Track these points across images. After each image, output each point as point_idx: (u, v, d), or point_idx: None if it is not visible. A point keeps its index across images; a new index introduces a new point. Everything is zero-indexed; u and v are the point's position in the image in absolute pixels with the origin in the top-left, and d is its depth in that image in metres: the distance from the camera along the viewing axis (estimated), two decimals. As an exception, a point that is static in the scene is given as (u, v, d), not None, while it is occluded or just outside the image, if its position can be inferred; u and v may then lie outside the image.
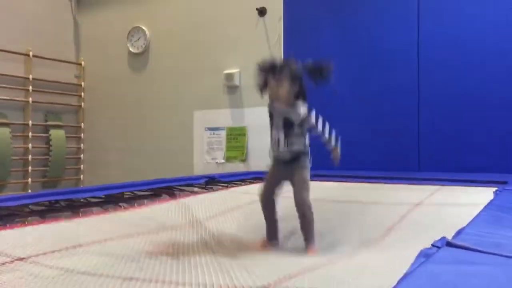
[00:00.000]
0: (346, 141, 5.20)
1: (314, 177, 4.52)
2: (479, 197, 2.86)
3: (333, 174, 4.47)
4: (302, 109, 2.02)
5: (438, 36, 4.69)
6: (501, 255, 1.29)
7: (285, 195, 2.11)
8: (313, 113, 2.06)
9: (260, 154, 5.56)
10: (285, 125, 2.00)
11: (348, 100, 5.08)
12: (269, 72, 1.99)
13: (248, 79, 5.76)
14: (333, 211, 2.78)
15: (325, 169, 4.72)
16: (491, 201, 2.46)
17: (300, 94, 2.03)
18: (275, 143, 2.02)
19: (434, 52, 4.71)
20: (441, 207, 2.75)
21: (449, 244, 1.35)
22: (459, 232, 1.61)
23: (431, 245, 1.38)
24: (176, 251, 1.87)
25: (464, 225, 1.84)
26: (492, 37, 4.45)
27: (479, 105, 4.52)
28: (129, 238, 2.10)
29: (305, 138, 2.06)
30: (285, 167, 2.04)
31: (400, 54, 4.86)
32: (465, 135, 4.56)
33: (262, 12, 5.57)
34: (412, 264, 1.21)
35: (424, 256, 1.25)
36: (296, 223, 2.05)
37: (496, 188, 3.08)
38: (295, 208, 2.00)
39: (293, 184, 2.02)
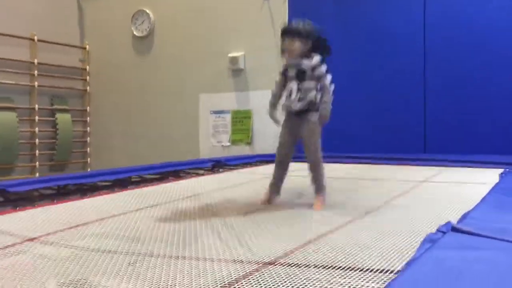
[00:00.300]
0: (354, 124, 5.24)
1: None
2: (484, 177, 2.90)
3: (339, 155, 4.50)
4: (315, 59, 2.20)
5: (444, 19, 4.66)
6: (506, 240, 1.31)
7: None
8: (325, 66, 2.22)
9: (265, 137, 5.58)
10: (297, 76, 2.20)
11: (355, 83, 5.07)
12: (284, 34, 2.23)
13: (253, 62, 5.75)
14: (340, 187, 2.86)
15: (332, 151, 4.78)
16: (496, 184, 2.48)
17: (316, 50, 2.23)
18: (289, 94, 2.21)
19: (440, 36, 4.68)
20: (446, 184, 2.80)
21: (454, 229, 1.37)
22: (464, 217, 1.63)
23: (437, 230, 1.41)
24: (181, 221, 1.93)
25: (469, 204, 1.88)
26: (499, 20, 4.41)
27: (486, 87, 4.50)
28: (134, 212, 2.16)
29: (316, 92, 2.21)
30: (296, 120, 2.21)
31: (405, 38, 4.84)
32: (471, 117, 4.55)
33: (267, -6, 5.52)
34: (418, 249, 1.23)
35: (430, 241, 1.28)
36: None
37: (502, 170, 3.10)
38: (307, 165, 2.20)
39: (304, 136, 2.21)
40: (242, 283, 1.13)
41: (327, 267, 1.21)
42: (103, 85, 6.94)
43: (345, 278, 1.12)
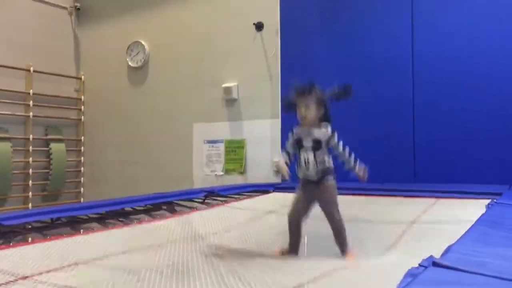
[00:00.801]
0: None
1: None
2: (472, 208, 2.93)
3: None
4: (328, 129, 2.27)
5: (432, 48, 4.76)
6: (484, 275, 1.35)
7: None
8: (336, 134, 2.30)
9: (258, 166, 5.64)
10: (314, 145, 2.22)
11: (343, 111, 5.14)
12: (298, 96, 2.25)
13: (246, 92, 5.84)
14: (321, 229, 2.77)
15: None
16: (481, 216, 2.52)
17: (325, 117, 2.30)
18: (305, 164, 2.20)
19: (429, 64, 4.78)
20: (435, 225, 2.77)
21: (435, 264, 1.40)
22: (446, 251, 1.67)
23: (418, 264, 1.44)
24: (175, 264, 1.93)
25: (453, 239, 1.91)
26: (488, 50, 4.53)
27: (475, 116, 4.57)
28: (129, 253, 2.17)
29: (329, 157, 2.27)
30: (313, 187, 2.21)
31: (395, 67, 4.94)
32: (461, 145, 4.61)
33: (259, 26, 5.66)
34: (399, 285, 1.27)
35: (411, 276, 1.32)
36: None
37: (489, 201, 3.14)
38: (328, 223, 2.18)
39: (323, 203, 2.20)
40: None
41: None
42: (98, 115, 7.01)
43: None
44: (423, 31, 4.83)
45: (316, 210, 2.27)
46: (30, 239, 2.87)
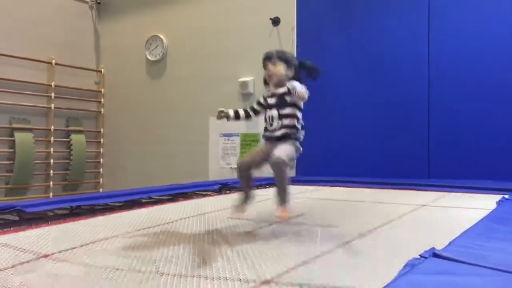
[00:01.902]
0: (357, 147, 5.35)
1: (322, 182, 4.69)
2: (483, 203, 2.98)
3: (341, 179, 4.61)
4: (290, 82, 2.14)
5: (448, 46, 4.77)
6: (483, 266, 1.40)
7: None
8: (299, 84, 2.13)
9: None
10: (279, 104, 2.18)
11: (358, 107, 5.20)
12: (267, 60, 2.25)
13: (262, 87, 5.89)
14: (337, 209, 2.96)
15: (335, 175, 4.89)
16: (491, 211, 2.56)
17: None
18: (268, 119, 2.19)
19: (445, 63, 4.79)
20: (444, 209, 2.88)
21: (435, 255, 1.46)
22: (450, 243, 1.72)
23: (419, 255, 1.50)
24: (182, 241, 2.03)
25: (460, 231, 1.98)
26: (499, 52, 4.52)
27: (489, 113, 4.58)
28: (142, 232, 2.28)
29: (298, 120, 2.19)
30: (274, 142, 2.15)
31: (410, 64, 4.95)
32: (475, 143, 4.62)
33: (275, 21, 5.71)
34: (398, 273, 1.33)
35: (410, 266, 1.38)
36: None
37: (500, 197, 3.17)
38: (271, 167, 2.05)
39: (276, 150, 2.06)
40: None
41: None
42: (117, 107, 7.16)
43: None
44: (440, 30, 4.83)
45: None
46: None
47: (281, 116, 2.16)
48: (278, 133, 2.15)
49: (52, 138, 6.52)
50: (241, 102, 6.03)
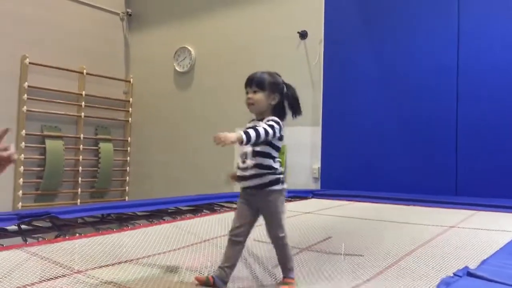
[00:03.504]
0: (382, 161, 5.30)
1: (347, 197, 4.65)
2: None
3: (368, 195, 4.58)
4: (269, 118, 1.83)
5: (477, 61, 4.72)
6: (518, 287, 1.39)
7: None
8: (274, 125, 1.82)
9: (299, 172, 5.71)
10: None
11: (385, 121, 5.18)
12: (246, 83, 1.95)
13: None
14: (364, 230, 2.91)
15: (361, 189, 4.86)
16: (522, 231, 2.52)
17: (280, 111, 1.91)
18: (242, 157, 1.87)
19: (474, 77, 4.74)
20: (474, 231, 2.83)
21: (469, 274, 1.46)
22: (483, 262, 1.71)
23: (453, 274, 1.50)
24: (213, 263, 2.05)
25: (493, 250, 1.96)
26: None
27: (519, 130, 4.52)
28: (172, 251, 2.30)
29: (273, 160, 1.86)
30: (254, 195, 1.83)
31: (438, 79, 4.92)
32: (504, 160, 4.55)
33: (303, 35, 5.75)
34: (433, 292, 1.34)
35: (445, 284, 1.38)
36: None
37: (531, 216, 3.12)
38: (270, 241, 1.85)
39: (266, 216, 1.84)
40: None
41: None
42: (145, 116, 7.28)
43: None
44: (469, 44, 4.79)
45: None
46: (81, 233, 3.07)
47: (255, 154, 1.83)
48: (249, 173, 1.82)
49: (81, 146, 6.67)
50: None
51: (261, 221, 1.87)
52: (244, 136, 1.69)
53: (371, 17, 5.44)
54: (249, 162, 1.82)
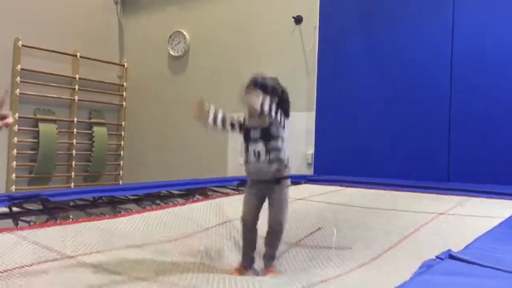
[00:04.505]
0: (376, 148, 5.32)
1: (339, 182, 4.66)
2: (503, 211, 2.94)
3: (361, 181, 4.60)
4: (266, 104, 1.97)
5: (471, 50, 4.73)
6: (497, 269, 1.41)
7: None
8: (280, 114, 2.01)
9: (292, 158, 5.71)
10: (263, 135, 2.01)
11: (379, 108, 5.19)
12: (248, 89, 2.06)
13: (283, 84, 5.91)
14: (352, 220, 2.91)
15: (354, 175, 4.88)
16: (508, 217, 2.55)
17: (280, 110, 2.03)
18: (254, 155, 2.00)
19: (467, 67, 4.74)
20: (462, 218, 2.85)
21: (451, 256, 1.48)
22: (467, 246, 1.73)
23: (435, 256, 1.52)
24: (205, 251, 2.07)
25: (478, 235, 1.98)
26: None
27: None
28: (165, 237, 2.31)
29: (284, 152, 2.03)
30: (265, 186, 2.01)
31: (433, 68, 4.92)
32: (496, 147, 4.57)
33: (298, 20, 5.72)
34: (413, 274, 1.35)
35: (426, 267, 1.40)
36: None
37: (521, 203, 3.15)
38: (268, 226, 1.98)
39: (272, 203, 2.00)
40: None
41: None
42: (139, 100, 7.26)
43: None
44: (463, 32, 4.79)
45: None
46: (71, 217, 3.08)
47: (268, 150, 1.99)
48: (268, 169, 1.98)
49: (75, 130, 6.65)
50: (261, 100, 6.05)
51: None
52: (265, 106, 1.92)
53: (366, 3, 5.41)
54: (263, 158, 1.98)
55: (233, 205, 3.26)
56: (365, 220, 2.93)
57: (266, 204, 2.05)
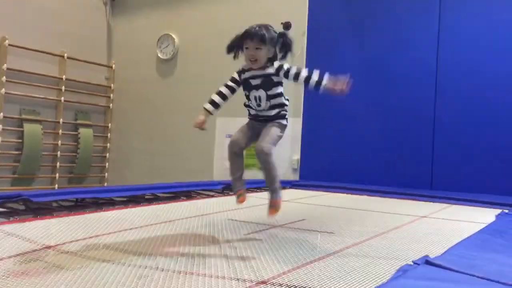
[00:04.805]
0: (360, 154, 5.35)
1: (324, 188, 4.71)
2: (482, 217, 3.00)
3: (346, 186, 4.64)
4: (276, 63, 2.14)
5: (456, 59, 4.80)
6: (475, 276, 1.44)
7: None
8: (286, 64, 2.15)
9: (277, 163, 5.74)
10: (265, 84, 2.13)
11: (364, 114, 5.24)
12: (247, 37, 2.16)
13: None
14: (336, 216, 2.99)
15: (339, 181, 4.92)
16: (489, 224, 2.59)
17: (274, 59, 2.17)
18: (256, 101, 2.15)
19: (452, 75, 4.82)
20: (444, 221, 2.91)
21: (428, 262, 1.50)
22: (444, 252, 1.76)
23: (412, 262, 1.54)
24: (184, 242, 2.08)
25: (456, 239, 2.02)
26: (507, 65, 4.54)
27: (494, 127, 4.60)
28: (146, 228, 2.32)
29: (283, 98, 2.18)
30: (262, 122, 2.17)
31: (419, 75, 4.99)
32: (479, 156, 4.64)
33: (287, 26, 5.74)
34: (390, 278, 1.37)
35: (402, 271, 1.42)
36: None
37: (500, 211, 3.20)
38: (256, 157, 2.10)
39: (262, 134, 2.12)
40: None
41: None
42: (126, 103, 7.23)
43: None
44: (449, 39, 4.87)
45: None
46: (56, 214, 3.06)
47: (269, 97, 2.13)
48: (270, 113, 2.15)
49: (60, 131, 6.60)
50: (249, 104, 6.07)
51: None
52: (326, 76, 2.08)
53: (354, 9, 5.47)
54: (264, 104, 2.13)
55: (215, 203, 3.34)
56: (349, 217, 3.01)
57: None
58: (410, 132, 5.01)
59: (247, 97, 2.21)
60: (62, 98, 6.60)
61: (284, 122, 2.18)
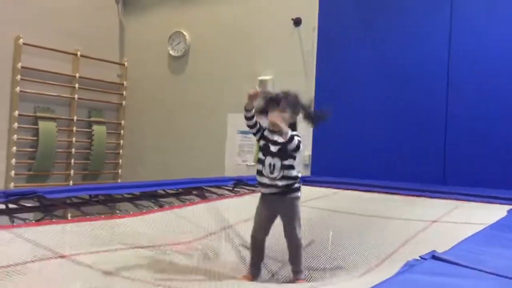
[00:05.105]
0: (372, 149, 5.33)
1: (335, 184, 4.66)
2: (494, 214, 2.94)
3: (357, 182, 4.62)
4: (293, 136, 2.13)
5: (468, 54, 4.75)
6: (482, 271, 1.44)
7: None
8: (297, 138, 2.15)
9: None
10: (282, 154, 2.14)
11: (376, 109, 5.22)
12: (272, 102, 2.21)
13: (281, 86, 5.93)
14: (344, 231, 2.83)
15: (351, 177, 4.91)
16: (499, 219, 2.57)
17: (293, 126, 2.22)
18: (270, 167, 2.13)
19: (465, 69, 4.77)
20: (454, 225, 2.80)
21: (434, 257, 1.51)
22: (452, 248, 1.76)
23: (419, 257, 1.55)
24: (202, 255, 2.08)
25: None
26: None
27: (508, 121, 4.56)
28: (162, 237, 2.32)
29: (296, 170, 2.18)
30: (276, 200, 2.14)
31: (430, 70, 4.94)
32: (492, 150, 4.60)
33: (297, 22, 5.75)
34: (396, 272, 1.38)
35: (409, 266, 1.42)
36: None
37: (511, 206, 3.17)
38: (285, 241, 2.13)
39: (285, 219, 2.14)
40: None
41: None
42: (138, 100, 7.29)
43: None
44: (461, 34, 4.82)
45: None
46: (69, 214, 3.08)
47: (283, 167, 2.13)
48: (280, 183, 2.12)
49: (74, 128, 6.68)
50: (260, 101, 6.08)
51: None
52: (289, 134, 2.09)
53: (365, 5, 5.44)
54: (277, 173, 2.12)
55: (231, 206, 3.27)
56: (355, 231, 2.83)
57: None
58: (422, 126, 4.97)
59: (262, 162, 2.18)
60: (76, 96, 6.68)
61: (298, 194, 2.18)
